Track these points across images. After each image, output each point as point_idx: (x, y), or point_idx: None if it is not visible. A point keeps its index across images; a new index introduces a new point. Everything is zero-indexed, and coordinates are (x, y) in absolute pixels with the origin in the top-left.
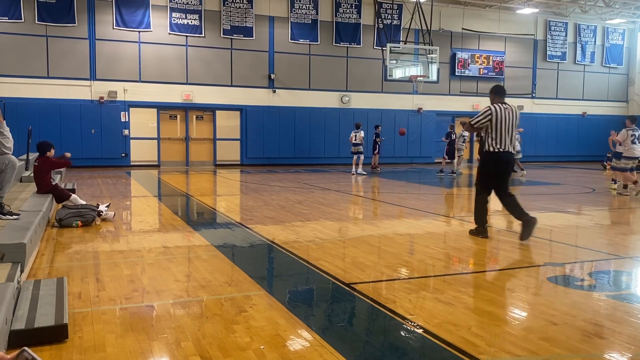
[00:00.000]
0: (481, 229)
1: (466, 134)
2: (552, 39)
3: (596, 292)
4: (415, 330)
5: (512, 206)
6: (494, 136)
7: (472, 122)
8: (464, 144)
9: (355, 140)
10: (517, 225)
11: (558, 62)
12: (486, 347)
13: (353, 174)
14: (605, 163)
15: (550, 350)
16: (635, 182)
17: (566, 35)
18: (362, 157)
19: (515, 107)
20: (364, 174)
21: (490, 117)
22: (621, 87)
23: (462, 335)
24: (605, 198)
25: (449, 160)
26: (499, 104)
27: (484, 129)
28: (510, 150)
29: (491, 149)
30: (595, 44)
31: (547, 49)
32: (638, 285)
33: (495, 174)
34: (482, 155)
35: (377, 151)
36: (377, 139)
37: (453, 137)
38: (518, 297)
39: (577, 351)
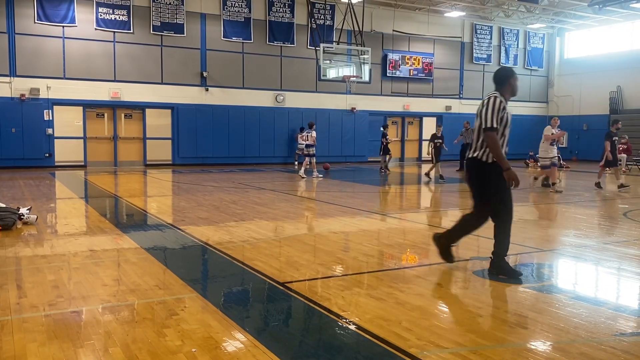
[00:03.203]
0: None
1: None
2: (478, 42)
3: (519, 284)
4: (348, 326)
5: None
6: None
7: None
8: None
9: (308, 140)
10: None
11: (484, 64)
12: (415, 341)
13: (303, 177)
14: (527, 161)
15: (476, 342)
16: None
17: (491, 38)
18: (314, 159)
19: (484, 99)
20: (320, 177)
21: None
22: (542, 88)
23: (392, 330)
24: (527, 194)
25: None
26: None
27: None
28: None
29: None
30: (517, 47)
31: (474, 51)
32: (557, 276)
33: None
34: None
35: (388, 152)
36: (385, 140)
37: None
38: (446, 291)
39: (501, 341)
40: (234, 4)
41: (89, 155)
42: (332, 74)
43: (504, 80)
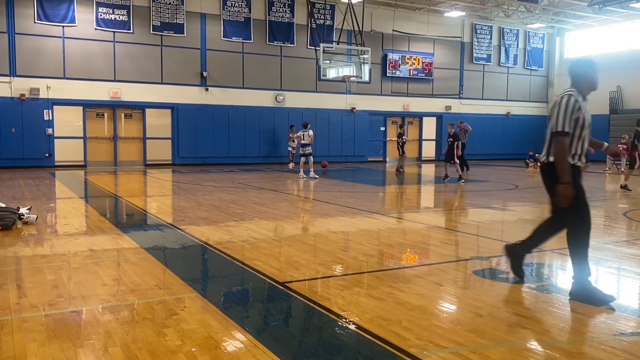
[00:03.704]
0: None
1: None
2: (478, 42)
3: (519, 284)
4: (348, 326)
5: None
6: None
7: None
8: None
9: (304, 140)
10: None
11: (483, 64)
12: (415, 341)
13: (302, 177)
14: (527, 161)
15: (476, 342)
16: None
17: (491, 38)
18: (311, 158)
19: (558, 98)
20: (316, 177)
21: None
22: (542, 88)
23: (392, 330)
24: (528, 194)
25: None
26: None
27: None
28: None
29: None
30: (517, 47)
31: (474, 51)
32: (557, 276)
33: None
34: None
35: (403, 152)
36: (400, 140)
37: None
38: (446, 291)
39: (501, 341)
40: (234, 4)
41: (88, 155)
42: (332, 74)
43: (582, 75)
